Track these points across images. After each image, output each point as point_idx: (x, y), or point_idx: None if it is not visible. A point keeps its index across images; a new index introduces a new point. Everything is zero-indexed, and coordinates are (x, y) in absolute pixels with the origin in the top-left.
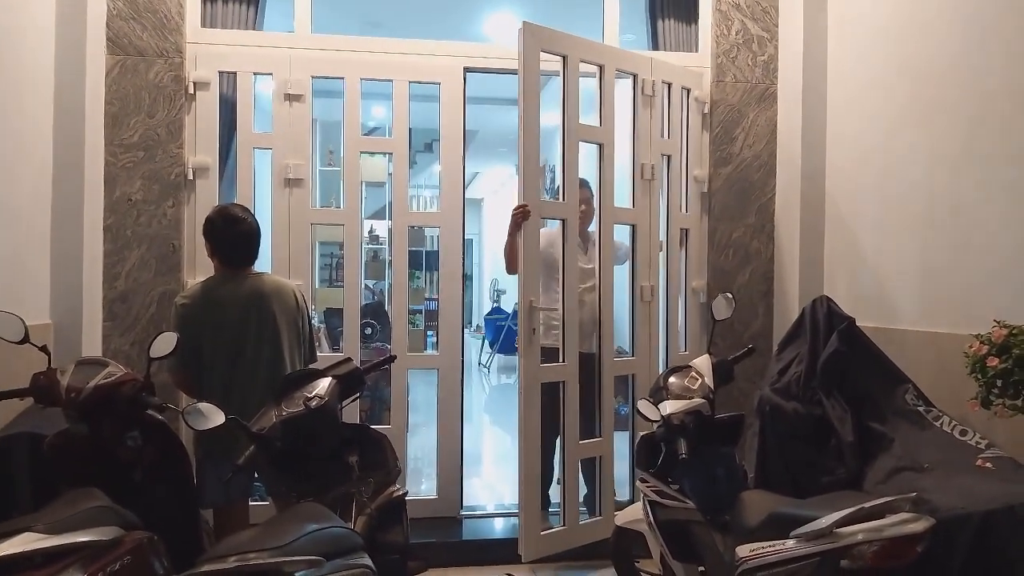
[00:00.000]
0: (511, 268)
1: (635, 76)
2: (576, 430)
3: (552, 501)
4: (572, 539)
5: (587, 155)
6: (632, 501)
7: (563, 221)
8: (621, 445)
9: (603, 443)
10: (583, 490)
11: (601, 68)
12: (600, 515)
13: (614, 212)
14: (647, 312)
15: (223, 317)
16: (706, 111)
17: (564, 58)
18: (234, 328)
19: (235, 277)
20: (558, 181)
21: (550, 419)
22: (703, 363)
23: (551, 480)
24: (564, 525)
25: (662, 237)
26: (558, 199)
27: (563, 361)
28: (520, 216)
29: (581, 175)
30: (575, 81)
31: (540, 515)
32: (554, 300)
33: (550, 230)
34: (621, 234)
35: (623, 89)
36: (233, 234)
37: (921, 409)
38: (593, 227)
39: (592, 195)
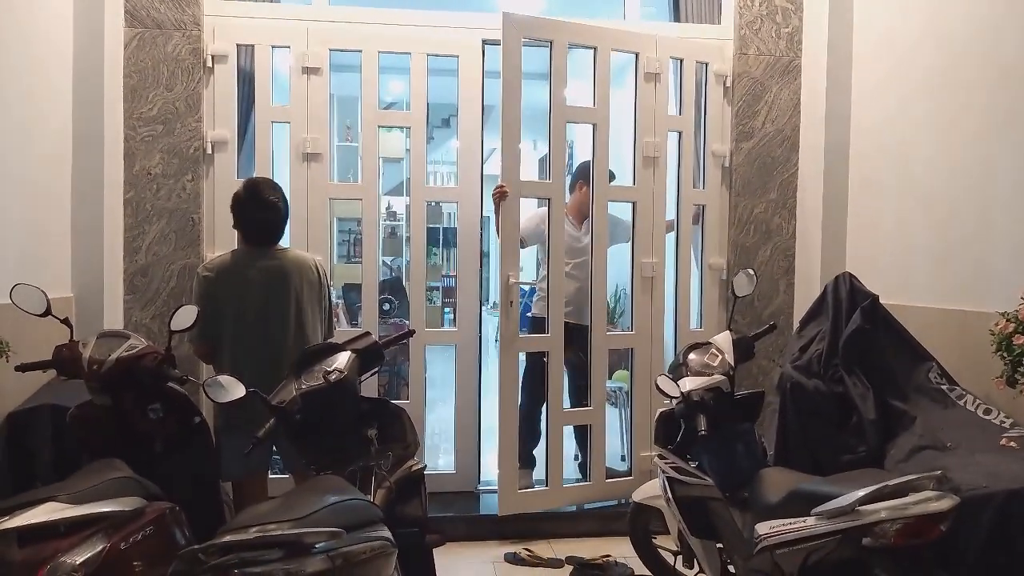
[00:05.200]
0: None
1: (637, 55)
2: (560, 398)
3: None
4: (552, 500)
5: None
6: (631, 471)
7: (548, 200)
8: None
9: (593, 412)
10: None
11: (595, 50)
12: (589, 480)
13: (612, 191)
14: (648, 288)
15: (247, 292)
16: (728, 84)
17: (550, 43)
18: (258, 303)
19: (259, 252)
20: (570, 159)
21: (540, 384)
22: (723, 340)
23: (537, 441)
24: (547, 486)
25: (672, 215)
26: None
27: (547, 332)
28: (499, 196)
29: (582, 154)
30: (562, 66)
31: (518, 474)
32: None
33: (541, 212)
34: (627, 214)
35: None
36: (259, 217)
37: (944, 387)
38: None
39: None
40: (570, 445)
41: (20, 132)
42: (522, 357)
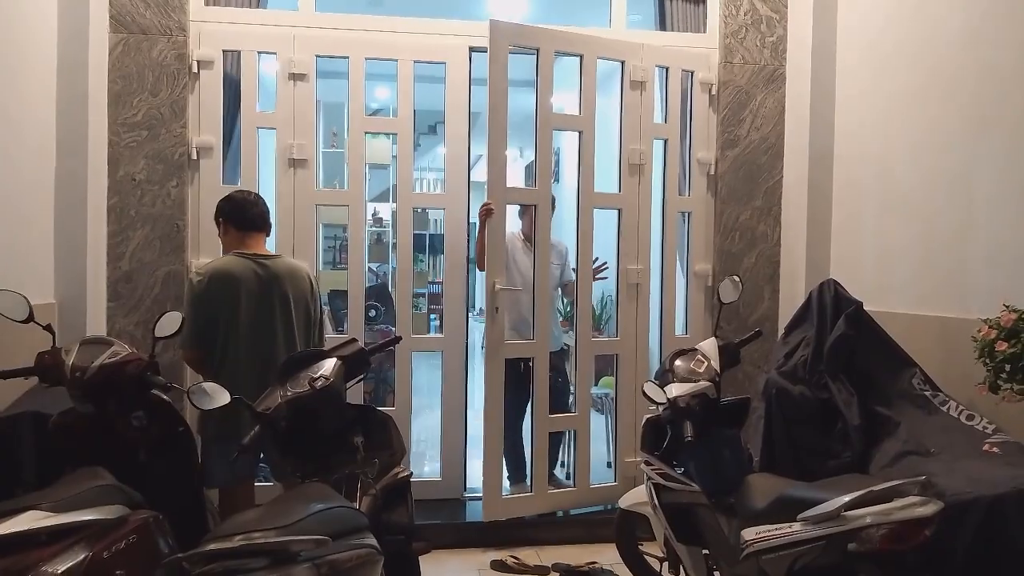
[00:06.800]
0: (480, 264)
1: (623, 63)
2: (546, 404)
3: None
4: (536, 506)
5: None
6: (615, 477)
7: (534, 207)
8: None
9: (578, 418)
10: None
11: (581, 57)
12: (574, 485)
13: (597, 197)
14: (633, 295)
15: (238, 297)
16: (713, 92)
17: (537, 51)
18: (249, 309)
19: (251, 257)
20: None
21: (520, 397)
22: (709, 346)
23: (522, 451)
24: (532, 491)
25: (658, 221)
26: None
27: (533, 338)
28: (485, 215)
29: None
30: (548, 72)
31: (501, 479)
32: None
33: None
34: (612, 220)
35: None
36: (247, 205)
37: (928, 393)
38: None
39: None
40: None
41: (2, 136)
42: None
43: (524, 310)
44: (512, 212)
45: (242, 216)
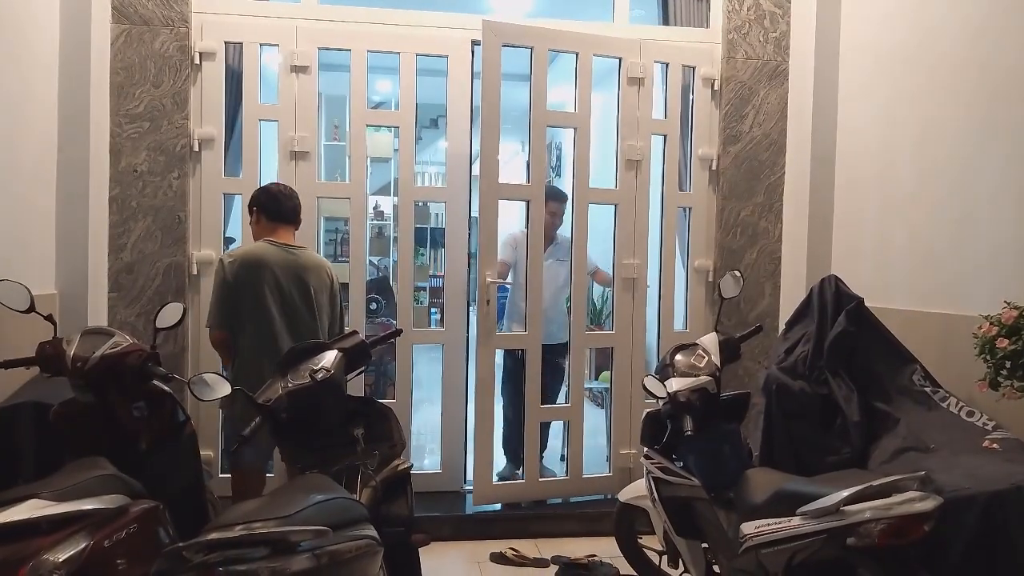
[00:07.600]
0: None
1: (620, 60)
2: (538, 395)
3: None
4: (527, 493)
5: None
6: (610, 470)
7: (527, 203)
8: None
9: (571, 409)
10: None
11: (576, 55)
12: (567, 475)
13: (593, 193)
14: (630, 289)
15: (266, 283)
16: (716, 88)
17: (531, 49)
18: (276, 295)
19: (281, 246)
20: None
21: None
22: (710, 341)
23: (522, 439)
24: (523, 479)
25: (657, 217)
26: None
27: (526, 330)
28: None
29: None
30: (542, 71)
31: (491, 466)
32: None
33: (515, 235)
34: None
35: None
36: (278, 191)
37: (928, 390)
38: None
39: (562, 206)
40: (556, 443)
41: (4, 127)
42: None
43: (545, 306)
44: (518, 210)
45: (278, 208)
